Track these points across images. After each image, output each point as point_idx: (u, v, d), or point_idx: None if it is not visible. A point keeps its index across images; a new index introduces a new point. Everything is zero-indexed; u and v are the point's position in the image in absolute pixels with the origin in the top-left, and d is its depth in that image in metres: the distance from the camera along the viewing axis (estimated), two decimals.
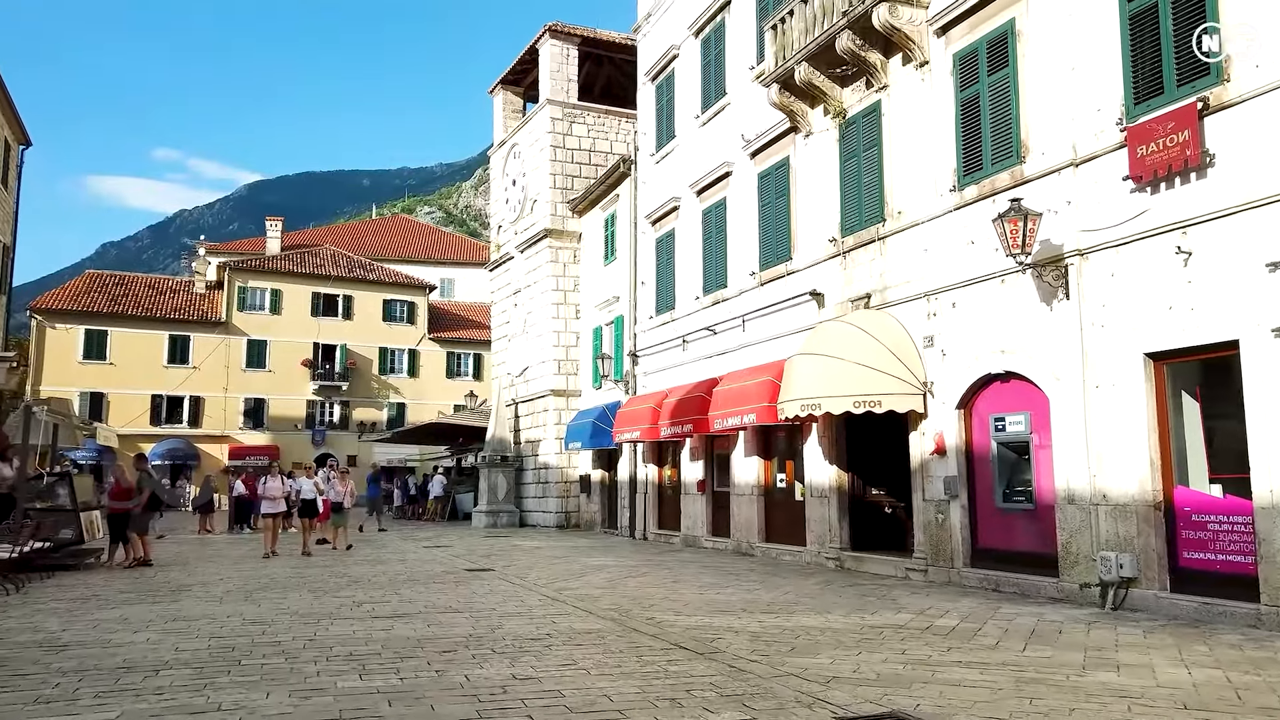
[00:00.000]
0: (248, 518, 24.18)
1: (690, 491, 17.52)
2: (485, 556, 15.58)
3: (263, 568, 13.81)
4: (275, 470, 17.15)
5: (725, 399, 14.65)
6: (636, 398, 19.46)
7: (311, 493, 16.77)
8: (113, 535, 14.52)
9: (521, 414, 25.90)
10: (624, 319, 21.27)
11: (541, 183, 24.80)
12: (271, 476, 16.69)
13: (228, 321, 42.15)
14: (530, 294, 25.45)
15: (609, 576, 12.22)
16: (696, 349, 17.38)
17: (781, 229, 14.66)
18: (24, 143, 32.66)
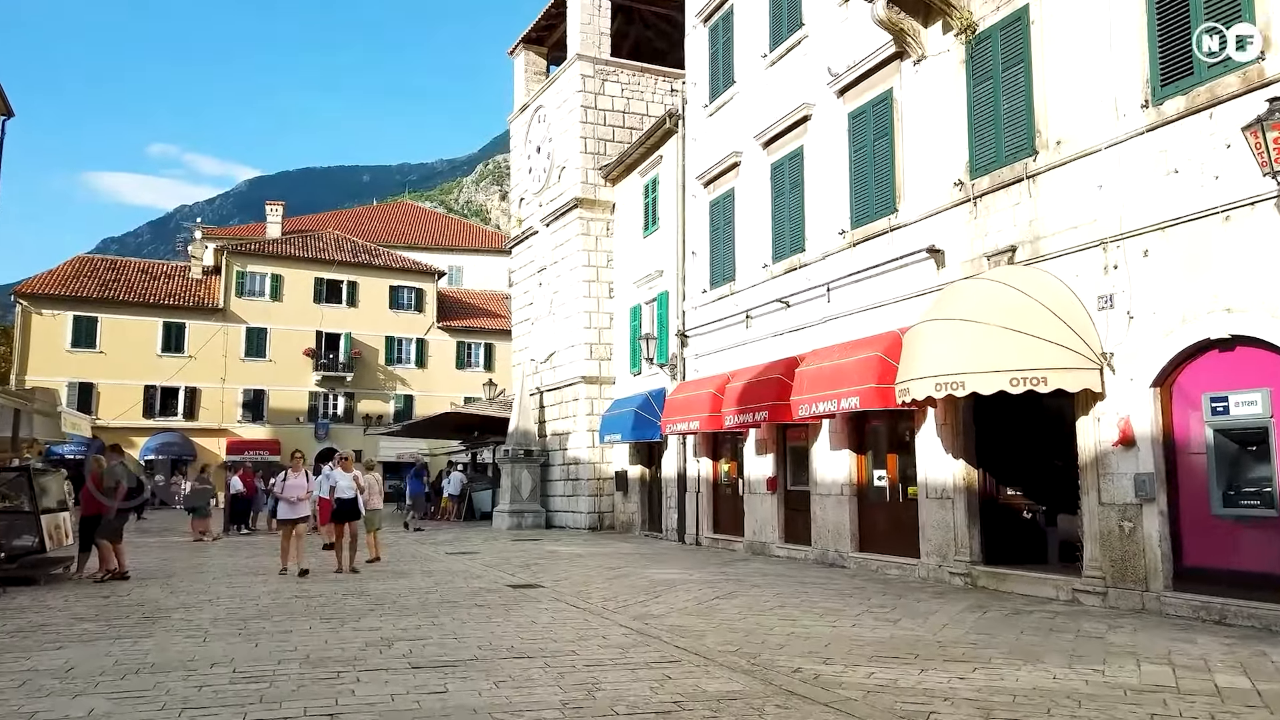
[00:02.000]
0: (246, 518, 21.83)
1: (757, 491, 15.13)
2: (524, 567, 13.21)
3: (261, 583, 11.43)
4: (299, 462, 13.08)
5: (813, 381, 12.25)
6: (689, 383, 17.05)
7: (351, 491, 12.82)
8: (82, 542, 12.17)
9: (547, 404, 23.51)
10: (669, 295, 18.87)
11: (570, 147, 22.37)
12: (294, 470, 12.80)
13: (226, 308, 39.75)
14: (557, 271, 23.04)
15: (692, 597, 9.82)
16: (764, 325, 14.98)
17: (882, 177, 12.25)
18: (5, 113, 30.30)
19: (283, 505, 12.70)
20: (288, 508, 12.58)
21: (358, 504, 12.81)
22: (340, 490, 12.76)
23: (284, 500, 12.65)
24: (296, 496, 12.53)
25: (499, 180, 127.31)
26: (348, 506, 12.75)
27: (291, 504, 12.53)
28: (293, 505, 12.53)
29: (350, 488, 12.78)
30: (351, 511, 12.76)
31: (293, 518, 12.50)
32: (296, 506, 12.53)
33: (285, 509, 12.63)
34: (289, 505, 12.57)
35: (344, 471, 13.05)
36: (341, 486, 12.79)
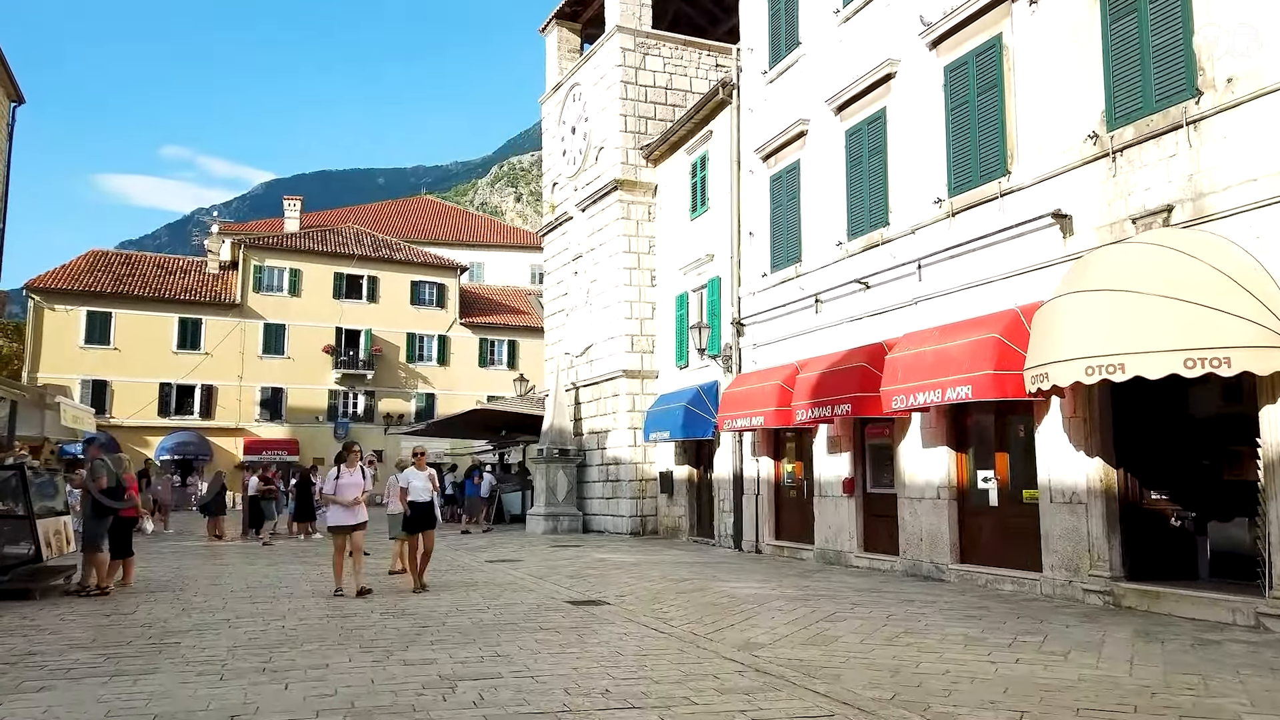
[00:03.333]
0: (263, 522, 20.50)
1: (829, 493, 13.64)
2: (577, 578, 11.77)
3: (285, 598, 10.03)
4: (355, 456, 10.76)
5: (911, 369, 10.75)
6: (749, 375, 15.57)
7: (427, 494, 10.71)
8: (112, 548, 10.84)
9: (583, 400, 22.08)
10: (721, 281, 17.40)
11: (609, 126, 20.95)
12: (349, 466, 10.47)
13: (243, 304, 38.56)
14: (594, 258, 21.61)
15: (790, 619, 8.34)
16: (837, 309, 13.50)
17: (988, 136, 10.74)
18: (16, 100, 29.22)
19: (335, 509, 10.40)
20: (343, 512, 10.30)
21: (433, 509, 10.83)
22: (415, 493, 10.64)
23: (337, 503, 10.35)
24: (353, 498, 10.28)
25: (513, 182, 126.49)
26: (423, 512, 10.69)
27: (347, 507, 10.29)
28: (349, 509, 10.29)
29: (427, 489, 10.74)
30: (427, 518, 10.71)
31: (349, 524, 10.27)
32: (354, 510, 10.31)
33: (339, 513, 10.33)
34: (344, 509, 10.30)
35: (419, 470, 10.91)
36: (416, 488, 10.67)
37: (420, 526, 10.69)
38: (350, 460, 10.57)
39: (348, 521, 10.27)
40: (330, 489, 10.42)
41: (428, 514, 10.73)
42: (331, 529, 10.54)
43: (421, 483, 10.72)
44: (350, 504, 10.24)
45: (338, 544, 10.32)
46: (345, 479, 10.32)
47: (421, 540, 10.73)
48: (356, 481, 10.39)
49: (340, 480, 10.31)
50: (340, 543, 10.29)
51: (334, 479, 10.36)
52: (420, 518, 10.67)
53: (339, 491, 10.29)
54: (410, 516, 10.62)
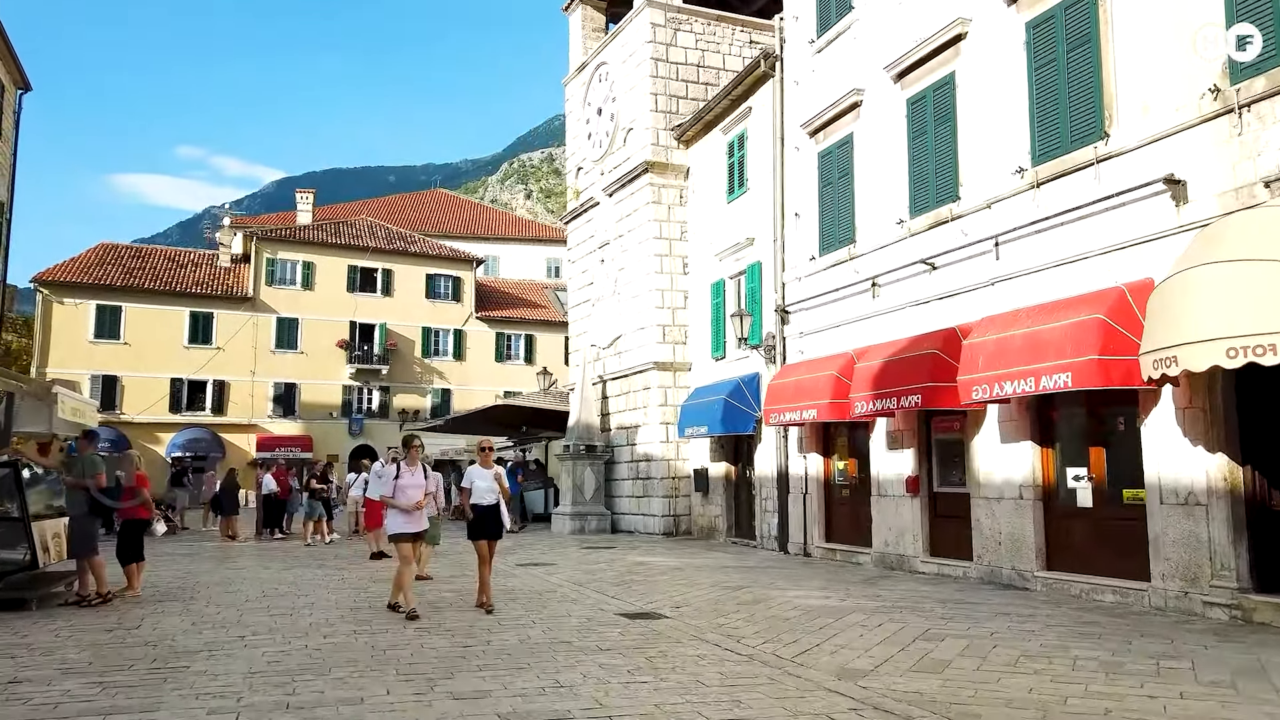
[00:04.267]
0: (280, 521, 19.62)
1: (890, 493, 12.60)
2: (621, 585, 10.79)
3: (306, 609, 9.07)
4: (416, 452, 9.03)
5: (995, 356, 9.70)
6: (796, 365, 14.55)
7: (493, 495, 8.93)
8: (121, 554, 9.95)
9: (611, 394, 21.10)
10: (762, 267, 16.37)
11: (639, 105, 19.93)
12: (409, 464, 8.86)
13: (255, 297, 37.70)
14: (623, 245, 20.60)
15: (882, 638, 7.32)
16: (898, 293, 12.46)
17: (1080, 97, 9.67)
18: (23, 87, 28.42)
19: (395, 515, 8.69)
20: (403, 518, 8.63)
21: (500, 514, 8.99)
22: (478, 493, 8.86)
23: (397, 508, 8.65)
24: (416, 501, 8.68)
25: (524, 179, 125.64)
26: (488, 517, 8.89)
27: (408, 513, 8.63)
28: (410, 518, 8.64)
29: (492, 490, 8.92)
30: (492, 524, 8.92)
31: (411, 531, 8.70)
32: (416, 515, 8.72)
33: (400, 520, 8.64)
34: (405, 515, 8.63)
35: (483, 468, 9.01)
36: (479, 489, 8.87)
37: (483, 533, 8.90)
38: (410, 457, 8.92)
39: (410, 529, 8.65)
40: (388, 491, 8.70)
41: (493, 519, 8.94)
42: (393, 538, 8.75)
43: (486, 482, 8.88)
44: (412, 509, 8.64)
45: (403, 554, 8.57)
46: (406, 479, 8.67)
47: (486, 551, 8.99)
48: (418, 482, 8.74)
49: (400, 480, 8.65)
50: (406, 552, 8.58)
51: (392, 479, 8.68)
52: (483, 523, 8.89)
53: (399, 494, 8.60)
54: (472, 522, 8.92)
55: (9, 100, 27.28)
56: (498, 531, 9.01)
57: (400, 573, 8.56)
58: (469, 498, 8.88)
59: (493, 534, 8.95)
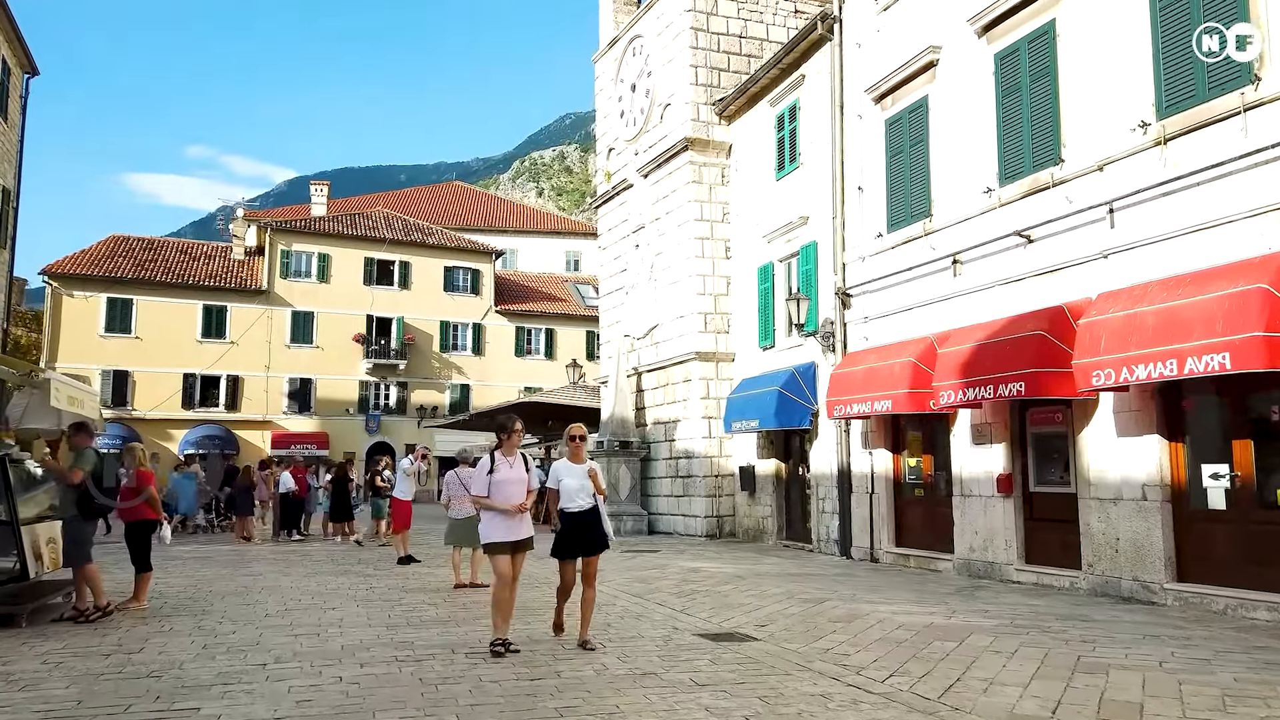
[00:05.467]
0: (298, 522, 18.50)
1: (976, 492, 11.33)
2: (684, 597, 9.57)
3: (334, 625, 7.89)
4: (518, 437, 6.84)
5: (1120, 335, 8.43)
6: (862, 353, 13.29)
7: (588, 498, 6.80)
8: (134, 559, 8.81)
9: (647, 387, 19.89)
10: (817, 247, 15.12)
11: (677, 79, 18.69)
12: (506, 454, 6.68)
13: (269, 290, 36.69)
14: (660, 229, 19.37)
15: (1029, 668, 6.07)
16: (986, 270, 11.19)
17: (1222, 32, 8.38)
18: (29, 71, 27.43)
19: (491, 520, 6.56)
20: (502, 522, 6.52)
21: (601, 522, 6.81)
22: (567, 495, 6.74)
23: (492, 509, 6.54)
24: (517, 502, 6.54)
25: (535, 177, 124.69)
26: (583, 527, 6.74)
27: (507, 517, 6.52)
28: (510, 519, 6.52)
29: (587, 491, 6.77)
30: (589, 536, 6.76)
31: (512, 540, 6.56)
32: (516, 522, 6.55)
33: (497, 526, 6.53)
34: (503, 519, 6.51)
35: (574, 463, 6.89)
36: (569, 489, 6.75)
37: (579, 548, 6.73)
38: (508, 445, 6.70)
39: (510, 536, 6.54)
40: (481, 488, 6.57)
41: (591, 529, 6.75)
42: (488, 549, 6.63)
43: (578, 481, 6.74)
44: (514, 511, 6.51)
45: (500, 570, 6.52)
46: (503, 473, 6.55)
47: (580, 574, 6.78)
48: (519, 476, 6.60)
49: (497, 475, 6.53)
50: (504, 567, 6.53)
51: (485, 473, 6.57)
52: (578, 535, 6.72)
53: (495, 492, 6.52)
54: (562, 533, 6.77)
55: (15, 84, 26.30)
56: (599, 545, 6.81)
57: (496, 595, 6.57)
58: (557, 501, 6.82)
59: (591, 548, 6.76)
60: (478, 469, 6.70)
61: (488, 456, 6.70)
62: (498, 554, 6.57)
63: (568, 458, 7.01)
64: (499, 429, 6.80)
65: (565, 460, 7.01)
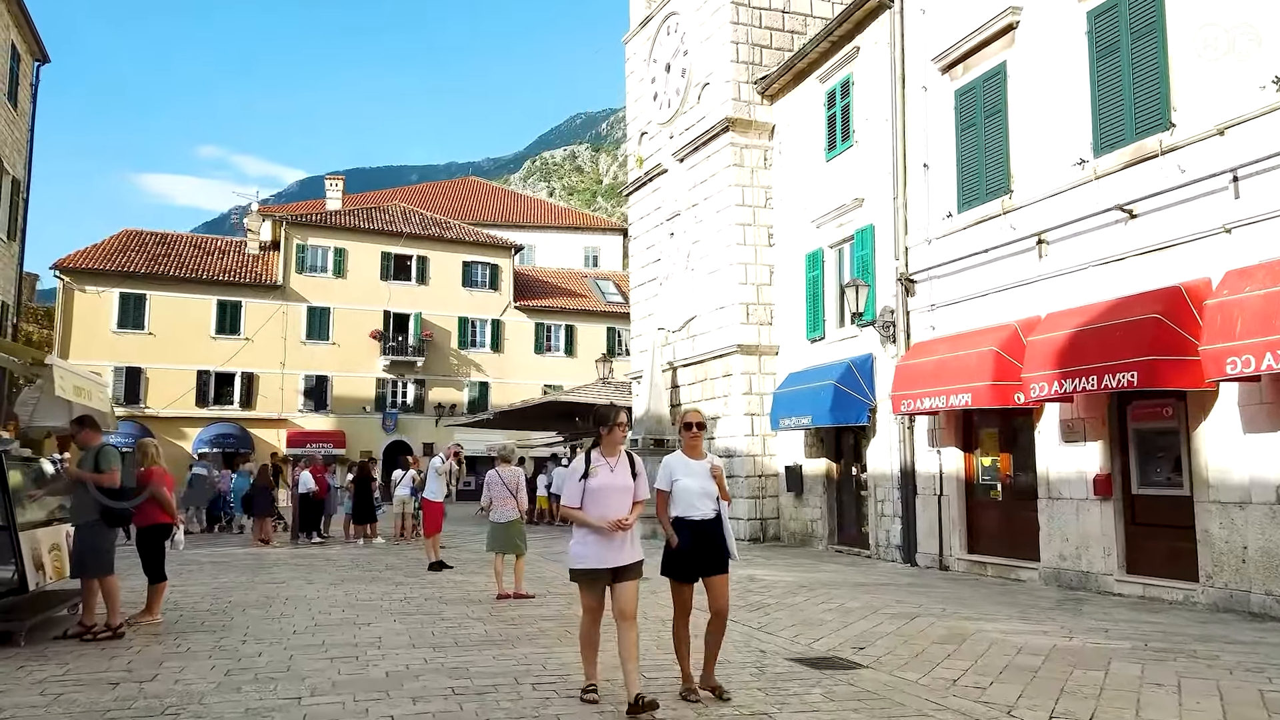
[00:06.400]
0: (318, 523, 17.60)
1: (1065, 495, 10.31)
2: (755, 610, 8.60)
3: (372, 643, 6.96)
4: (622, 432, 5.32)
5: (1260, 317, 7.40)
6: (931, 343, 12.27)
7: (711, 505, 5.37)
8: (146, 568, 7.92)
9: (682, 383, 18.90)
10: (874, 231, 14.11)
11: (716, 57, 17.70)
12: (606, 454, 5.24)
13: (285, 285, 35.85)
14: (697, 215, 18.39)
15: (1206, 704, 5.08)
16: (1077, 250, 10.17)
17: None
18: (40, 58, 26.68)
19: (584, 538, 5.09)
20: (595, 544, 5.06)
21: (725, 534, 5.38)
22: (684, 499, 5.32)
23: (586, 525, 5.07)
24: (622, 514, 5.08)
25: (546, 176, 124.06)
26: (704, 539, 5.30)
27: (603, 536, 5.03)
28: (606, 539, 5.03)
29: (708, 494, 5.35)
30: (711, 551, 5.31)
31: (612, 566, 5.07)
32: (615, 543, 5.06)
33: (590, 546, 5.05)
34: (596, 539, 5.05)
35: (692, 458, 5.49)
36: (686, 491, 5.33)
37: (697, 566, 5.27)
38: (609, 442, 5.22)
39: (608, 561, 4.98)
40: (572, 496, 5.10)
41: (713, 541, 5.29)
42: (577, 574, 5.09)
43: (697, 482, 5.32)
44: (610, 529, 4.96)
45: (587, 603, 5.09)
46: (603, 477, 5.09)
47: (709, 596, 5.30)
48: (622, 483, 5.12)
49: (594, 481, 5.07)
50: (593, 602, 5.06)
51: (577, 478, 5.14)
52: (696, 549, 5.24)
53: (590, 502, 5.05)
54: (676, 550, 5.25)
55: (25, 71, 25.54)
56: (722, 563, 5.33)
57: (583, 632, 5.16)
58: (669, 508, 5.35)
59: (717, 563, 5.30)
60: (569, 471, 5.32)
61: (581, 456, 5.28)
62: (590, 586, 5.04)
63: (682, 451, 5.56)
64: (597, 421, 5.29)
65: (679, 455, 5.54)
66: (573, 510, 5.13)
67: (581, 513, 5.08)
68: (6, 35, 23.58)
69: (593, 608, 5.12)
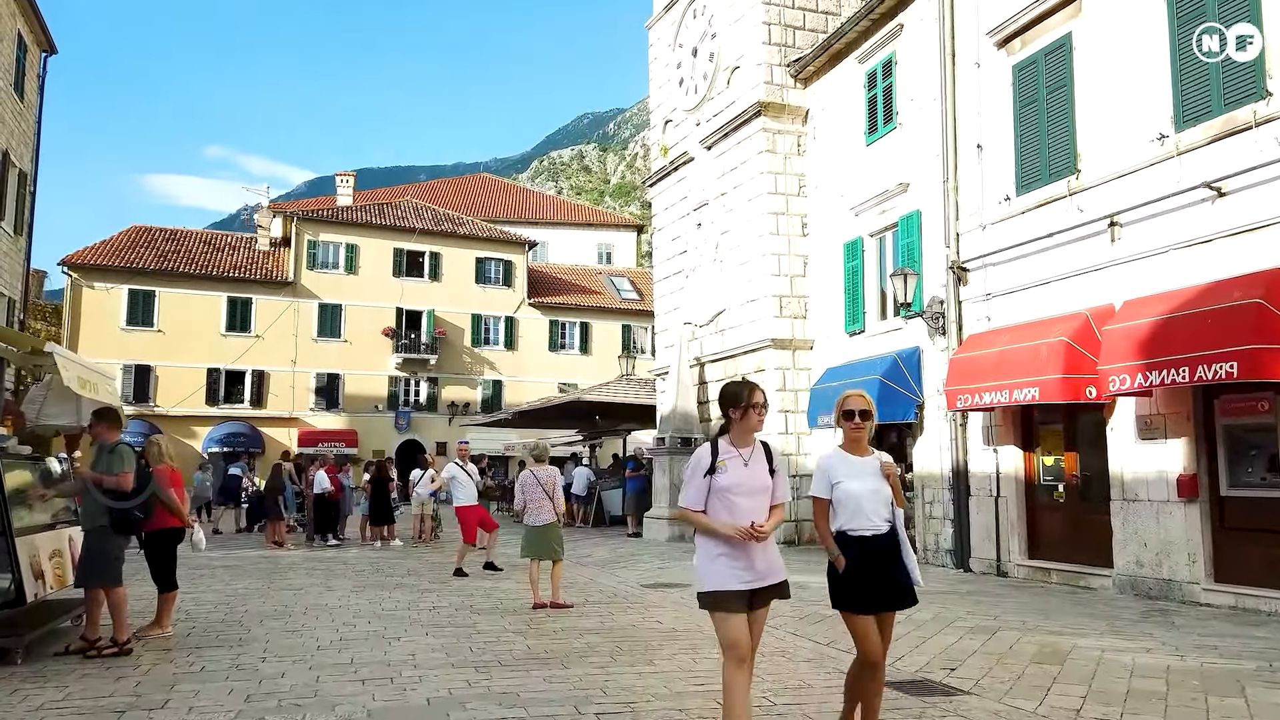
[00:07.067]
0: (333, 525, 16.95)
1: (1143, 496, 9.56)
2: (816, 624, 7.90)
3: (407, 662, 6.27)
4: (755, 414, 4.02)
5: None
6: (989, 334, 11.52)
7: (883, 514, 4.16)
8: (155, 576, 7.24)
9: (711, 379, 18.19)
10: (921, 217, 13.38)
11: (747, 38, 16.98)
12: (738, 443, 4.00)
13: (296, 282, 35.27)
14: (726, 204, 17.67)
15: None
16: (1156, 231, 9.43)
17: None
18: (47, 49, 26.11)
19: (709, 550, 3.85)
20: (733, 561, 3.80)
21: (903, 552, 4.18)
22: (849, 506, 4.14)
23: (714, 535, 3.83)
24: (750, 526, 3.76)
25: (554, 176, 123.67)
26: (883, 556, 4.12)
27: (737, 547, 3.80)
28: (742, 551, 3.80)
29: (882, 501, 4.15)
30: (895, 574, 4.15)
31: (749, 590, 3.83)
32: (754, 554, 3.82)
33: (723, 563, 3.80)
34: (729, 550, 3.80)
35: (854, 454, 4.26)
36: (852, 496, 4.13)
37: (876, 597, 4.11)
38: (741, 429, 4.01)
39: (747, 581, 3.80)
40: (695, 496, 3.89)
41: (891, 564, 4.15)
42: (713, 599, 3.80)
43: (866, 484, 4.14)
44: (743, 538, 3.76)
45: (730, 638, 3.76)
46: (734, 474, 3.88)
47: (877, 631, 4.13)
48: (758, 482, 3.92)
49: (724, 478, 3.87)
50: (739, 634, 3.76)
51: (703, 474, 3.91)
52: (872, 574, 4.09)
53: (718, 504, 3.87)
54: (850, 573, 4.09)
55: (32, 61, 24.97)
56: (901, 595, 4.16)
57: (727, 681, 3.76)
58: (830, 519, 4.17)
59: (898, 595, 4.15)
60: (692, 465, 3.95)
61: (705, 447, 3.97)
62: (728, 614, 3.73)
63: (842, 447, 4.30)
64: (728, 401, 3.97)
65: (840, 452, 4.28)
66: (697, 515, 3.86)
67: (708, 518, 3.84)
68: (13, 23, 23.01)
69: (737, 643, 3.72)
